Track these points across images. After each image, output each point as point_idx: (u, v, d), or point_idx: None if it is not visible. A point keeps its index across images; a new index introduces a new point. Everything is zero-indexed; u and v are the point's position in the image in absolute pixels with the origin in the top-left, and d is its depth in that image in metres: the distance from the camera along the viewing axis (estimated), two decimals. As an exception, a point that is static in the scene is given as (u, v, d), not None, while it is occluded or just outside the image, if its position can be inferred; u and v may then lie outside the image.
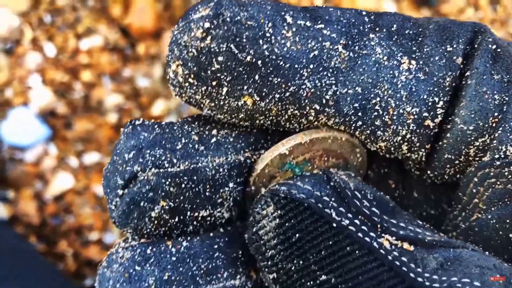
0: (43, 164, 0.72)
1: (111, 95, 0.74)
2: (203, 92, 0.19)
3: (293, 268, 0.18)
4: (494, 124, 0.19)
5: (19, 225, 0.69)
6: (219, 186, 0.20)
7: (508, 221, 0.19)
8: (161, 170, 0.19)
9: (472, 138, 0.19)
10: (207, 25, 0.18)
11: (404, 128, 0.20)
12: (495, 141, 0.19)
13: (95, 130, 0.73)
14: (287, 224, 0.18)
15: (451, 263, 0.17)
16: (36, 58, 0.73)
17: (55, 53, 0.74)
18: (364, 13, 0.20)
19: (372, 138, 0.20)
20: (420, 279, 0.16)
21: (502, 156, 0.19)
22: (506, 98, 0.19)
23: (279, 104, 0.19)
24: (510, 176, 0.19)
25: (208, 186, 0.20)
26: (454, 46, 0.19)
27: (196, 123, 0.20)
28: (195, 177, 0.19)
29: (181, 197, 0.19)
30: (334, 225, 0.17)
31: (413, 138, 0.20)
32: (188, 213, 0.20)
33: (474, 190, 0.20)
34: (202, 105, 0.19)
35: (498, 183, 0.19)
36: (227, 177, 0.20)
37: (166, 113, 0.75)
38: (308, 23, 0.19)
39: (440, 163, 0.20)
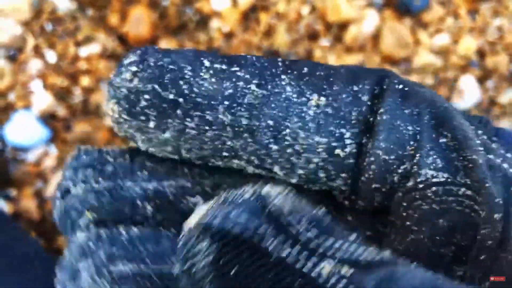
0: (44, 164, 0.74)
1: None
2: (135, 127, 0.21)
3: None
4: (412, 152, 0.21)
5: (20, 222, 0.72)
6: (136, 205, 0.22)
7: (437, 238, 0.20)
8: (87, 185, 0.22)
9: (395, 166, 0.21)
10: (134, 68, 0.20)
11: (316, 156, 0.21)
12: (415, 167, 0.20)
13: (93, 132, 0.75)
14: (223, 259, 0.17)
15: (386, 283, 0.17)
16: (38, 65, 0.75)
17: (56, 60, 0.76)
18: (279, 59, 0.22)
19: (289, 166, 0.22)
20: None
21: (423, 179, 0.20)
22: (418, 128, 0.21)
23: (199, 137, 0.21)
24: (433, 196, 0.20)
25: (126, 204, 0.22)
26: (360, 86, 0.21)
27: (133, 152, 0.23)
28: (114, 194, 0.22)
29: (103, 210, 0.22)
30: (272, 259, 0.17)
31: (326, 166, 0.21)
32: (110, 225, 0.22)
33: (404, 214, 0.21)
34: (135, 139, 0.22)
35: (424, 204, 0.20)
36: (145, 198, 0.22)
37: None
38: (224, 66, 0.21)
39: (368, 193, 0.21)
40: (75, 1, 0.77)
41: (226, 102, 0.21)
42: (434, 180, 0.20)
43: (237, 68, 0.21)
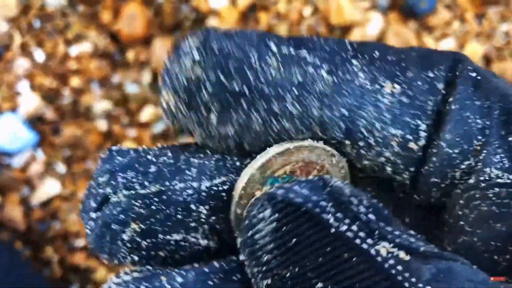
0: (30, 170, 0.72)
1: (100, 101, 0.74)
2: (194, 120, 0.19)
3: (288, 274, 0.18)
4: (478, 148, 0.20)
5: (4, 231, 0.69)
6: (190, 209, 0.20)
7: (492, 243, 0.19)
8: (132, 191, 0.19)
9: (458, 161, 0.20)
10: (196, 56, 0.19)
11: (388, 149, 0.20)
12: (479, 164, 0.20)
13: (83, 136, 0.73)
14: (284, 228, 0.18)
15: (444, 275, 0.17)
16: (25, 64, 0.73)
17: (44, 59, 0.74)
18: (347, 42, 0.20)
19: (356, 156, 0.21)
20: None
21: (487, 178, 0.19)
22: (488, 123, 0.20)
23: (264, 131, 0.20)
24: (494, 198, 0.19)
25: (179, 209, 0.20)
26: (436, 72, 0.20)
27: (174, 149, 0.21)
28: (165, 199, 0.19)
29: (152, 219, 0.19)
30: (332, 230, 0.17)
31: (397, 160, 0.20)
32: (160, 235, 0.20)
33: (460, 213, 0.20)
34: (193, 133, 0.20)
35: (483, 205, 0.19)
36: (198, 201, 0.20)
37: (155, 119, 0.75)
38: (291, 51, 0.19)
39: (426, 186, 0.21)
40: (65, -4, 0.74)
41: (295, 91, 0.19)
42: (499, 180, 0.19)
43: (305, 52, 0.19)
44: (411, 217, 0.22)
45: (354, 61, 0.20)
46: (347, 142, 0.20)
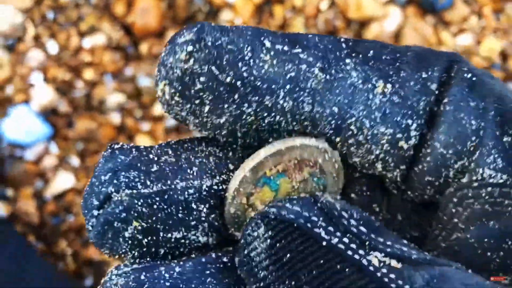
0: (43, 163, 0.72)
1: (113, 94, 0.74)
2: (188, 110, 0.20)
3: None
4: (472, 148, 0.20)
5: (18, 224, 0.69)
6: (191, 208, 0.20)
7: (486, 240, 0.20)
8: (134, 191, 0.20)
9: (452, 161, 0.20)
10: (190, 48, 0.19)
11: (378, 147, 0.21)
12: (473, 164, 0.20)
13: (97, 129, 0.73)
14: (278, 245, 0.18)
15: (437, 280, 0.17)
16: (38, 56, 0.72)
17: (58, 51, 0.73)
18: (342, 39, 0.21)
19: (346, 153, 0.21)
20: None
21: (479, 178, 0.20)
22: (483, 124, 0.20)
23: (256, 123, 0.20)
24: (487, 197, 0.20)
25: (180, 208, 0.20)
26: (429, 73, 0.20)
27: (175, 147, 0.21)
28: (167, 198, 0.20)
29: (154, 218, 0.20)
30: (324, 243, 0.18)
31: (387, 158, 0.21)
32: (161, 233, 0.20)
33: (454, 210, 0.20)
34: (187, 122, 0.20)
35: (476, 203, 0.20)
36: (199, 200, 0.20)
37: (168, 113, 0.75)
38: (285, 48, 0.20)
39: (420, 185, 0.21)
40: (78, -13, 0.74)
41: (288, 86, 0.20)
42: (491, 180, 0.20)
43: (299, 50, 0.20)
44: (404, 215, 0.23)
45: (348, 60, 0.20)
46: (337, 139, 0.21)
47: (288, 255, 0.18)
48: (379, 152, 0.21)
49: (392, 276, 0.17)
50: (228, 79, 0.19)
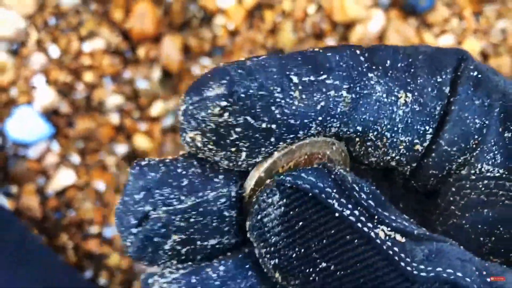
0: (45, 161, 0.73)
1: (112, 95, 0.76)
2: (222, 156, 0.20)
3: (294, 255, 0.19)
4: (474, 146, 0.21)
5: (21, 219, 0.71)
6: (224, 216, 0.21)
7: (479, 226, 0.21)
8: (170, 208, 0.20)
9: (455, 157, 0.21)
10: (223, 103, 0.18)
11: (395, 151, 0.21)
12: (473, 159, 0.21)
13: (96, 128, 0.75)
14: (291, 213, 0.19)
15: (435, 255, 0.18)
16: (41, 59, 0.74)
17: (59, 55, 0.75)
18: (358, 52, 0.20)
19: (364, 154, 0.22)
20: (409, 268, 0.17)
21: (477, 172, 0.21)
22: (487, 122, 0.21)
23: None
24: (483, 188, 0.21)
25: (214, 218, 0.21)
26: (443, 76, 0.21)
27: (199, 157, 0.21)
28: (201, 211, 0.20)
29: (191, 230, 0.20)
30: (337, 214, 0.18)
31: (401, 158, 0.22)
32: (198, 242, 0.21)
33: (451, 198, 0.22)
34: (220, 163, 0.20)
35: (473, 193, 0.21)
36: (230, 206, 0.21)
37: (164, 114, 0.77)
38: (312, 78, 0.19)
39: (425, 177, 0.22)
40: (79, -5, 0.76)
41: (320, 118, 0.20)
42: (489, 174, 0.21)
43: (325, 76, 0.20)
44: (406, 203, 0.24)
45: (370, 74, 0.20)
46: (357, 140, 0.21)
47: (301, 223, 0.18)
48: (395, 155, 0.21)
49: (396, 249, 0.18)
50: (264, 125, 0.19)
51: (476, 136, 0.21)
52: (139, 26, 0.76)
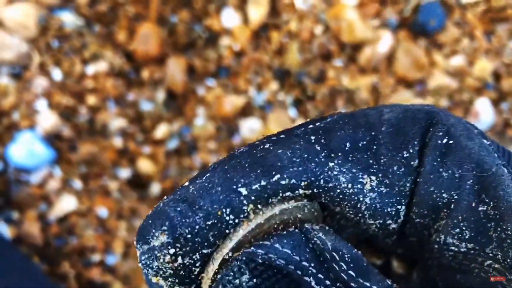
0: (47, 186, 0.72)
1: (115, 118, 0.75)
2: (196, 286, 0.19)
3: None
4: (444, 216, 0.19)
5: (22, 246, 0.70)
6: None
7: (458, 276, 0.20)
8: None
9: (428, 226, 0.20)
10: (172, 251, 0.18)
11: (369, 231, 0.20)
12: (440, 228, 0.20)
13: (99, 153, 0.74)
14: None
15: None
16: (43, 83, 0.74)
17: (62, 78, 0.75)
18: (313, 138, 0.19)
19: (338, 228, 0.20)
20: None
21: (442, 243, 0.19)
22: (456, 196, 0.19)
23: None
24: (450, 258, 0.19)
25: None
26: (410, 150, 0.19)
27: None
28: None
29: None
30: None
31: (377, 234, 0.21)
32: None
33: (426, 255, 0.20)
34: None
35: (443, 259, 0.20)
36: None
37: (169, 136, 0.76)
38: (263, 182, 0.18)
39: (405, 243, 0.21)
40: (82, 17, 0.75)
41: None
42: (453, 248, 0.19)
43: (278, 176, 0.18)
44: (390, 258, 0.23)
45: (330, 163, 0.19)
46: (326, 214, 0.20)
47: None
48: (371, 233, 0.20)
49: None
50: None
51: (445, 210, 0.19)
52: (143, 48, 0.75)
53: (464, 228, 0.19)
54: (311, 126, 0.19)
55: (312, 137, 0.19)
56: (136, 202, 0.74)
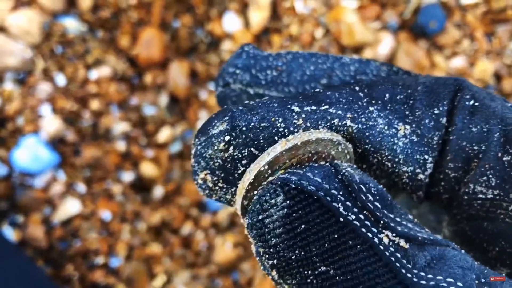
0: (51, 190, 0.73)
1: (119, 123, 0.75)
2: (233, 192, 0.21)
3: (294, 257, 0.19)
4: (474, 167, 0.21)
5: (27, 249, 0.70)
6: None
7: (481, 235, 0.22)
8: (243, 88, 0.24)
9: (460, 179, 0.22)
10: (227, 138, 0.20)
11: (399, 180, 0.22)
12: (468, 179, 0.22)
13: (103, 156, 0.74)
14: (294, 215, 0.19)
15: (437, 261, 0.18)
16: (47, 88, 0.74)
17: (65, 83, 0.75)
18: (357, 88, 0.22)
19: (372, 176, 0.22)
20: (409, 275, 0.18)
21: (470, 192, 0.21)
22: (484, 148, 0.21)
23: None
24: (478, 207, 0.21)
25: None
26: (441, 108, 0.21)
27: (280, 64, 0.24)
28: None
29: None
30: (341, 219, 0.18)
31: (406, 186, 0.22)
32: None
33: (455, 211, 0.22)
34: (232, 202, 0.21)
35: (471, 209, 0.22)
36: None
37: (172, 140, 0.76)
38: (313, 107, 0.21)
39: (435, 195, 0.23)
40: (85, 23, 0.76)
41: None
42: (481, 196, 0.21)
43: (326, 106, 0.21)
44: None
45: (371, 107, 0.21)
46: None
47: (303, 226, 0.18)
48: (400, 183, 0.22)
49: (398, 255, 0.18)
50: None
51: (475, 160, 0.21)
52: (146, 52, 0.76)
53: (490, 176, 0.21)
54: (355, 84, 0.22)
55: (357, 88, 0.22)
56: (140, 205, 0.74)
